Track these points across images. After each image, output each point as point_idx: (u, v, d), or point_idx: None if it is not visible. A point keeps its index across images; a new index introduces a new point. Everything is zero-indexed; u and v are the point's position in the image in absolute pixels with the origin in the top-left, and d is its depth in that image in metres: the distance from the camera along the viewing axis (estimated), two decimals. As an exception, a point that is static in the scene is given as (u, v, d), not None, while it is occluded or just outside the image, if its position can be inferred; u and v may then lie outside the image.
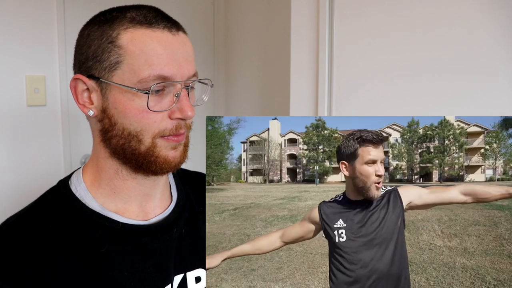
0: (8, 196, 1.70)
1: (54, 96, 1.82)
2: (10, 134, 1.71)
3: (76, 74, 0.72)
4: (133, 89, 0.67)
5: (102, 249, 0.71)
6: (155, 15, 0.69)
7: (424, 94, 1.39)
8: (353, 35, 1.54)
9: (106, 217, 0.73)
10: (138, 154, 0.71)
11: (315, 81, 1.64)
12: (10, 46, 1.68)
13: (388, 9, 1.45)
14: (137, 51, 0.67)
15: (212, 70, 2.50)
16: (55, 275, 0.66)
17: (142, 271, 0.74)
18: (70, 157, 1.88)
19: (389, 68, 1.46)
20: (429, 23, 1.36)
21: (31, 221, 0.71)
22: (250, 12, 2.40)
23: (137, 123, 0.69)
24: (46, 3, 1.77)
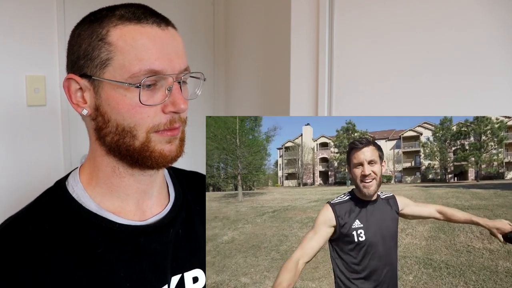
0: (8, 196, 1.70)
1: (54, 96, 1.82)
2: (10, 134, 1.71)
3: (68, 74, 0.72)
4: (124, 84, 0.67)
5: (98, 250, 0.71)
6: (143, 11, 0.70)
7: (424, 93, 1.39)
8: (353, 35, 1.54)
9: (102, 218, 0.73)
10: (133, 150, 0.71)
11: (315, 81, 1.64)
12: (10, 46, 1.68)
13: (388, 9, 1.44)
14: (127, 47, 0.67)
15: (212, 70, 2.50)
16: (51, 276, 0.66)
17: (138, 271, 0.74)
18: (70, 157, 1.88)
19: (389, 68, 1.46)
20: (429, 23, 1.36)
21: (27, 223, 0.70)
22: (250, 12, 2.40)
23: (131, 118, 0.69)
24: (46, 3, 1.77)
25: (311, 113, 1.67)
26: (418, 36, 1.38)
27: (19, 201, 0.83)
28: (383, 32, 1.46)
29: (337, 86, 1.60)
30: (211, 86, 2.49)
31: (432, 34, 1.35)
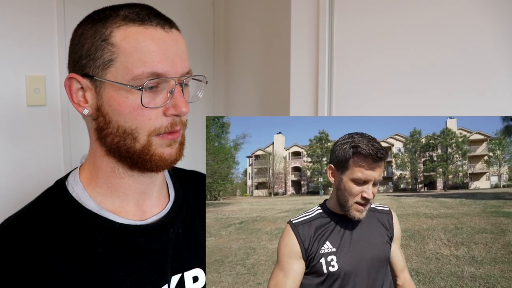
0: (8, 196, 1.70)
1: (54, 96, 1.82)
2: (10, 134, 1.71)
3: (70, 73, 0.72)
4: (126, 86, 0.67)
5: (98, 250, 0.71)
6: (148, 12, 0.70)
7: (424, 94, 1.39)
8: (353, 35, 1.54)
9: (103, 218, 0.73)
10: (133, 152, 0.70)
11: (315, 81, 1.64)
12: (10, 46, 1.68)
13: (388, 9, 1.44)
14: (130, 49, 0.67)
15: (212, 70, 2.50)
16: (52, 276, 0.66)
17: (138, 271, 0.74)
18: (70, 157, 1.88)
19: (389, 68, 1.46)
20: (429, 23, 1.36)
21: (27, 222, 0.70)
22: (250, 12, 2.40)
23: (132, 120, 0.69)
24: (46, 3, 1.77)
25: (311, 113, 1.67)
26: (418, 36, 1.38)
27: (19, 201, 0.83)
28: (383, 32, 1.46)
29: (337, 86, 1.60)
30: (211, 86, 2.49)
31: (432, 34, 1.35)
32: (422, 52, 1.38)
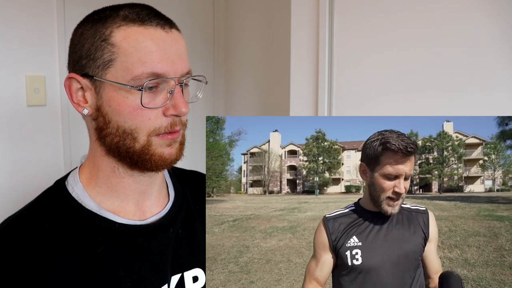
0: (8, 196, 1.70)
1: (54, 96, 1.82)
2: (10, 134, 1.71)
3: (70, 73, 0.72)
4: (126, 86, 0.67)
5: (98, 250, 0.71)
6: (148, 12, 0.70)
7: (424, 94, 1.39)
8: (353, 35, 1.54)
9: (102, 218, 0.73)
10: (133, 152, 0.70)
11: (315, 81, 1.64)
12: (10, 46, 1.68)
13: (388, 9, 1.44)
14: (130, 49, 0.67)
15: (212, 70, 2.50)
16: (52, 276, 0.66)
17: (138, 271, 0.74)
18: (70, 157, 1.88)
19: (389, 68, 1.46)
20: (429, 24, 1.36)
21: (27, 222, 0.70)
22: (250, 12, 2.39)
23: (132, 120, 0.69)
24: (46, 3, 1.77)
25: (311, 113, 1.67)
26: (418, 35, 1.38)
27: (19, 201, 0.83)
28: (383, 32, 1.46)
29: (337, 86, 1.60)
30: (211, 86, 2.49)
31: (433, 33, 1.35)
32: (422, 52, 1.38)
